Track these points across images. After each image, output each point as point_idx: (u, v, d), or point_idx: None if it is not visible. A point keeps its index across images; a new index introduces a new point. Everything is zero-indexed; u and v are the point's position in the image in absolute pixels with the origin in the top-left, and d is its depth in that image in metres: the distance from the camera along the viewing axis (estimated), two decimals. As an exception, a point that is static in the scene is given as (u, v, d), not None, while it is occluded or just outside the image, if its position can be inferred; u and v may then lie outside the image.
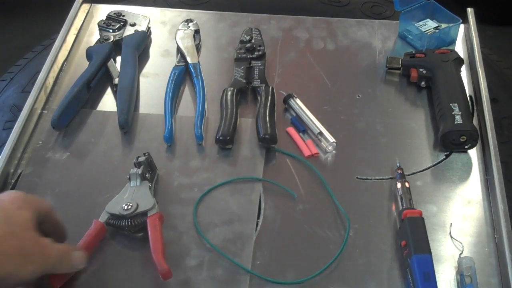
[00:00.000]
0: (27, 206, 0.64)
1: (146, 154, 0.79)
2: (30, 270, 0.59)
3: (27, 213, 0.63)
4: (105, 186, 0.80)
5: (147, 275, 0.71)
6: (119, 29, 1.00)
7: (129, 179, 0.76)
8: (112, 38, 0.98)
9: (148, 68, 0.98)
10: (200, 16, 1.06)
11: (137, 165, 0.78)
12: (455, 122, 0.82)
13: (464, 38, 1.01)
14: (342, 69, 0.98)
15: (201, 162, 0.83)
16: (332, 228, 0.75)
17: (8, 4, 2.12)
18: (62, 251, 0.65)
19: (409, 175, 0.80)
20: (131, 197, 0.74)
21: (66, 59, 0.99)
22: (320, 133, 0.85)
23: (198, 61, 0.95)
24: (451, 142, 0.82)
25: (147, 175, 0.77)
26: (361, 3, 1.18)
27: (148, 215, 0.73)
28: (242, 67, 0.94)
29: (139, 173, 0.76)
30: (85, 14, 1.06)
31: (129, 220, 0.73)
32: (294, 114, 0.89)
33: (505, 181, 0.77)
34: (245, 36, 1.00)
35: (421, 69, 0.91)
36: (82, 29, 1.04)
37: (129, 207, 0.73)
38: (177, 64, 0.96)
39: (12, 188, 0.81)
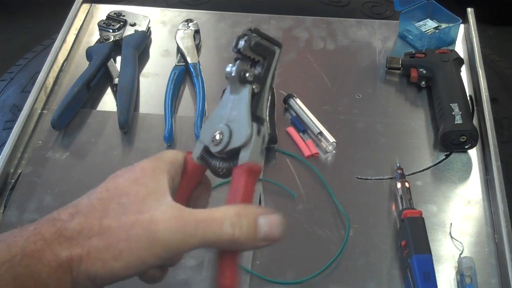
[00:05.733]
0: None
1: (251, 29, 0.47)
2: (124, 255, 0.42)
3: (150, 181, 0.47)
4: (105, 186, 0.80)
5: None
6: (119, 29, 1.00)
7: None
8: (112, 38, 0.98)
9: (148, 68, 0.98)
10: (200, 16, 1.06)
11: (237, 53, 0.46)
12: (455, 122, 0.82)
13: (464, 38, 1.01)
14: (342, 69, 0.98)
15: (201, 162, 0.83)
16: (332, 228, 0.75)
17: (8, 4, 2.12)
18: (181, 217, 0.42)
19: (409, 175, 0.80)
20: (228, 116, 0.45)
21: (66, 59, 0.98)
22: (320, 133, 0.85)
23: (198, 61, 0.95)
24: (451, 142, 0.82)
25: (247, 75, 0.46)
26: (361, 3, 1.18)
27: (238, 163, 0.44)
28: (242, 67, 0.94)
29: (233, 73, 0.45)
30: (85, 14, 1.06)
31: (219, 162, 0.46)
32: (294, 114, 0.89)
33: (505, 181, 0.77)
34: (245, 36, 0.99)
35: (421, 69, 0.91)
36: (82, 29, 1.04)
37: (220, 137, 0.45)
38: (177, 64, 0.95)
39: (12, 189, 0.80)
